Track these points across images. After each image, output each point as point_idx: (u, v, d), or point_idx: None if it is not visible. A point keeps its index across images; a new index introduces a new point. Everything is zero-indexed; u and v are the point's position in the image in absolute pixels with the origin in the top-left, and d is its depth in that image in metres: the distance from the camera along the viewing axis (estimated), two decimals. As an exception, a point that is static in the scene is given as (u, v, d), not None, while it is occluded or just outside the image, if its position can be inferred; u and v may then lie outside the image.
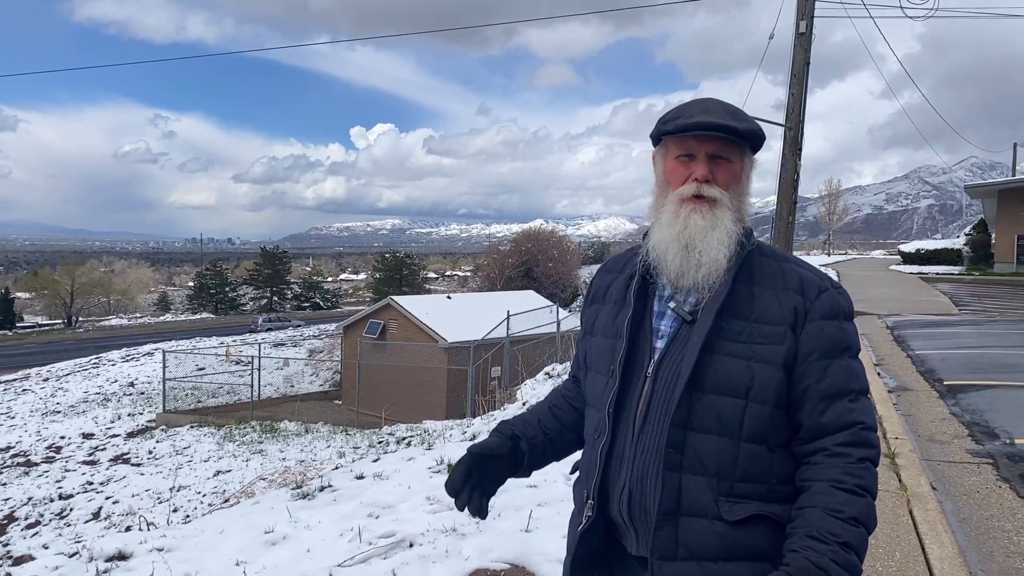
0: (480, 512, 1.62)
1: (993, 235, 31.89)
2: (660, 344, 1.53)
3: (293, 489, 5.23)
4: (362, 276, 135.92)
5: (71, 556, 4.69)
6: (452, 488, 1.60)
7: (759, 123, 1.57)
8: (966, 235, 36.18)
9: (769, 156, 15.67)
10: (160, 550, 4.14)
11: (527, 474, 1.74)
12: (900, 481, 4.96)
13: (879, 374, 9.19)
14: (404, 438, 15.46)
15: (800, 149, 15.16)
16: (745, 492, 1.44)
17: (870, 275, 29.86)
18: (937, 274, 29.33)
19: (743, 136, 1.52)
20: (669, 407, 1.46)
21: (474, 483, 1.61)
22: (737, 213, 1.54)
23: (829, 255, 57.72)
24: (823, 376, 1.46)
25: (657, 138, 1.61)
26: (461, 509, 1.62)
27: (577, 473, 1.71)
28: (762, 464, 1.45)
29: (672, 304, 1.55)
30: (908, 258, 35.92)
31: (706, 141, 1.52)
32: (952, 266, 32.57)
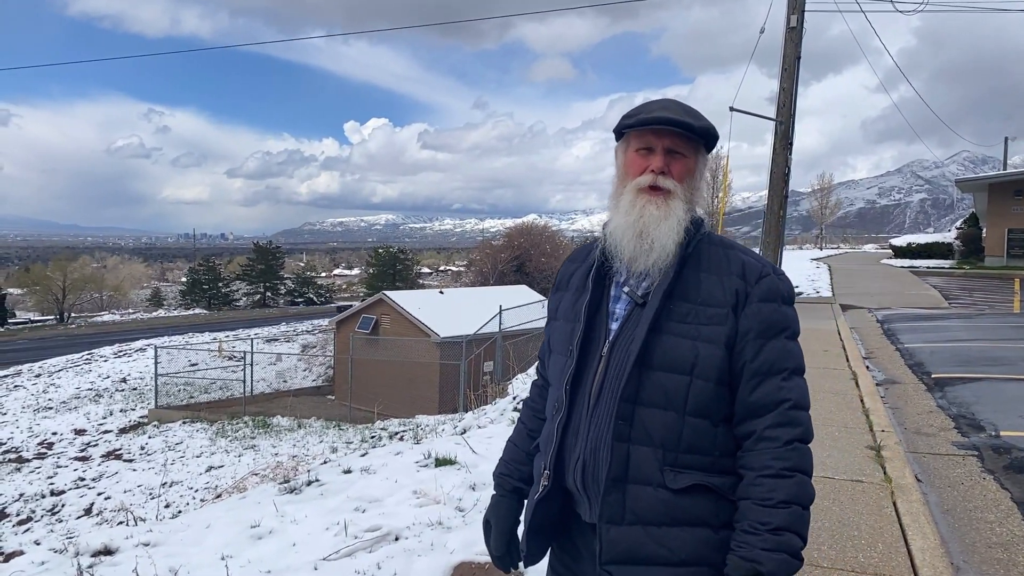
0: (526, 559, 1.78)
1: (984, 229, 31.99)
2: (615, 326, 1.63)
3: (280, 483, 5.23)
4: (356, 271, 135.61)
5: (59, 552, 4.68)
6: (503, 563, 1.82)
7: (712, 122, 1.67)
8: (957, 229, 36.28)
9: (762, 150, 15.67)
10: (146, 545, 4.14)
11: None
12: (885, 473, 4.99)
13: (868, 367, 9.23)
14: (397, 433, 15.46)
15: (791, 143, 15.18)
16: (689, 463, 1.55)
17: (861, 269, 29.94)
18: (928, 268, 29.41)
19: (698, 133, 1.63)
20: (620, 383, 1.56)
21: (511, 542, 1.82)
22: (688, 204, 1.64)
23: (821, 249, 57.80)
24: (757, 354, 1.56)
25: (620, 133, 1.72)
26: (515, 568, 1.83)
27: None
28: (706, 437, 1.56)
29: (626, 288, 1.65)
30: (899, 252, 35.99)
31: (664, 136, 1.63)
32: (943, 260, 32.65)
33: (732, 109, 15.10)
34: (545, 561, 1.82)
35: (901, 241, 37.91)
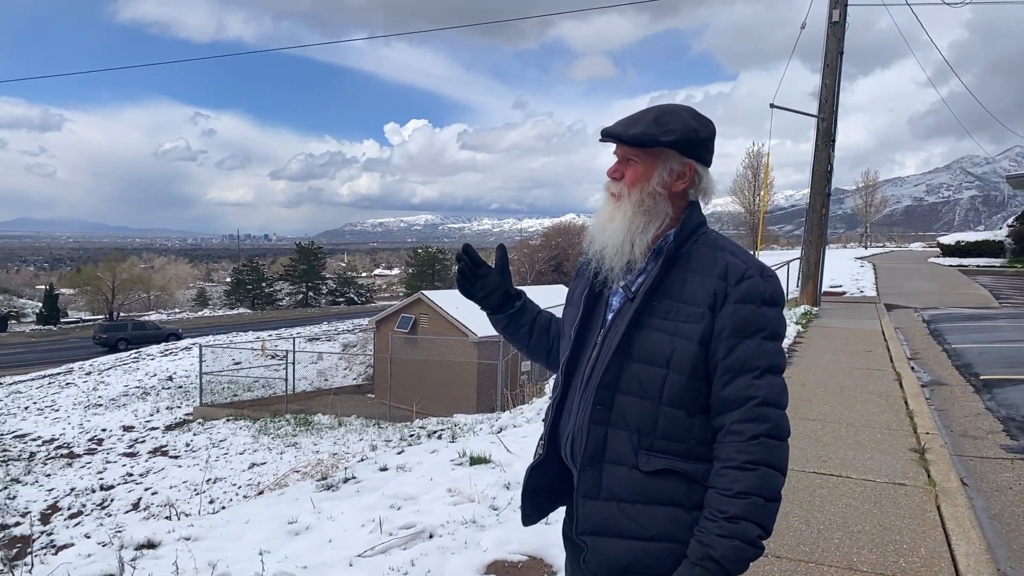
0: (458, 281, 1.96)
1: (1037, 226, 30.98)
2: (610, 317, 1.77)
3: (318, 481, 5.30)
4: (395, 271, 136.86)
5: (104, 545, 4.81)
6: (468, 252, 1.94)
7: (664, 128, 1.69)
8: (1008, 227, 35.18)
9: (806, 148, 15.44)
10: (187, 539, 4.23)
11: (504, 323, 2.02)
12: (929, 476, 4.87)
13: (913, 368, 9.02)
14: (435, 431, 15.55)
15: (834, 140, 14.91)
16: (664, 448, 1.66)
17: (907, 268, 29.27)
18: (977, 267, 28.63)
19: (625, 141, 1.72)
20: (601, 370, 1.69)
21: (475, 274, 1.95)
22: (640, 207, 1.72)
23: (866, 248, 56.66)
24: (730, 352, 1.63)
25: None
26: (458, 260, 1.96)
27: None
28: (681, 426, 1.66)
29: (623, 283, 1.77)
30: (947, 250, 35.06)
31: (618, 146, 1.76)
32: (993, 258, 31.70)
33: (772, 106, 14.88)
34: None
35: (949, 239, 36.87)
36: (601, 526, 1.68)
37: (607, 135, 1.74)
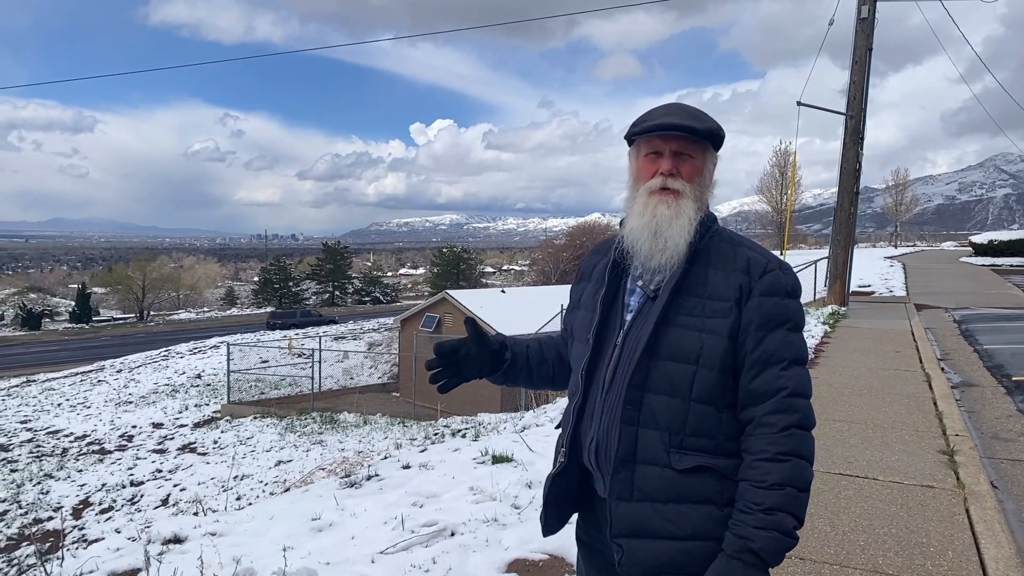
0: (441, 387, 1.90)
1: (1073, 225, 30.32)
2: (629, 317, 1.76)
3: (342, 478, 5.34)
4: (421, 271, 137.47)
5: (133, 540, 4.89)
6: (440, 350, 1.88)
7: (719, 124, 1.75)
8: (1044, 225, 34.48)
9: (835, 146, 15.26)
10: (212, 535, 4.29)
11: (502, 379, 1.98)
12: (958, 479, 4.79)
13: (943, 369, 8.88)
14: (459, 430, 15.57)
15: (862, 138, 14.71)
16: (694, 445, 1.66)
17: (938, 267, 28.82)
18: (1011, 266, 28.10)
19: (701, 135, 1.72)
20: (629, 370, 1.68)
21: (457, 359, 1.89)
22: (698, 203, 1.74)
23: (896, 247, 55.84)
24: (758, 345, 1.65)
25: (630, 140, 1.83)
26: (429, 369, 1.90)
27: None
28: (710, 422, 1.66)
29: (640, 282, 1.77)
30: (980, 250, 34.43)
31: (670, 140, 1.73)
32: (1028, 258, 31.10)
33: (800, 104, 14.72)
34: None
35: (982, 238, 36.19)
36: (636, 528, 1.67)
37: (679, 129, 1.70)
